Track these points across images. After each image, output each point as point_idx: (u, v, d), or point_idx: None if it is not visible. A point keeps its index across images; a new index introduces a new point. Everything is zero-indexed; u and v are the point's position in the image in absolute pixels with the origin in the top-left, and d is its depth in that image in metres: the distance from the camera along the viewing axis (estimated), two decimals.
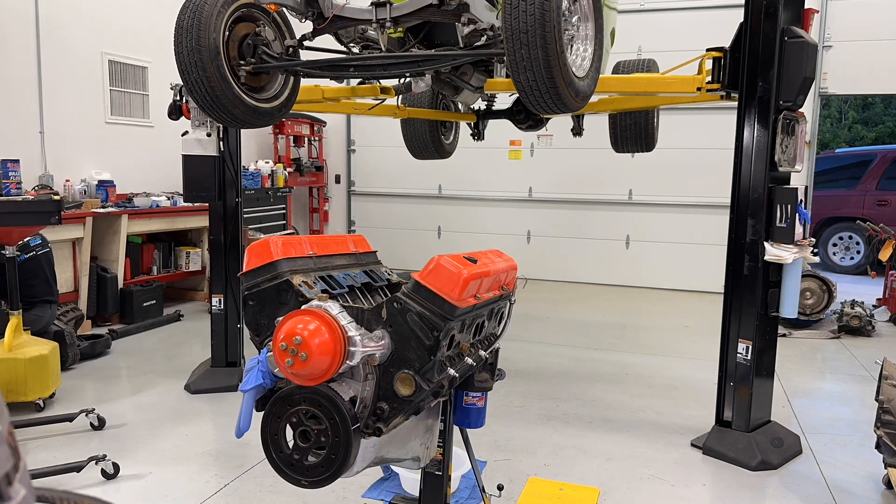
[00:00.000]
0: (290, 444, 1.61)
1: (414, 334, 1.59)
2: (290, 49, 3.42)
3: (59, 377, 4.38)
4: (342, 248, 2.02)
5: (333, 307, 1.58)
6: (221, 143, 4.60)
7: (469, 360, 1.74)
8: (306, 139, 9.78)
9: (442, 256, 1.66)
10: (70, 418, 3.83)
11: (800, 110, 3.58)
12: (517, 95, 3.79)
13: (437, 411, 2.00)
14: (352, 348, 1.53)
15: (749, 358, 3.61)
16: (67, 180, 6.40)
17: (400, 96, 4.87)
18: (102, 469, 3.28)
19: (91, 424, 3.89)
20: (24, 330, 4.25)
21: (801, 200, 3.52)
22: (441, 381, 1.63)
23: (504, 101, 5.55)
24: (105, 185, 6.59)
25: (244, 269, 1.73)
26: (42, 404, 4.16)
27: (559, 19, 2.55)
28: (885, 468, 3.16)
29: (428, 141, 5.96)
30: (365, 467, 1.70)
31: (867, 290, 8.07)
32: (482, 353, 1.85)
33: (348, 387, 1.59)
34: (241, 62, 3.26)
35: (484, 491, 2.37)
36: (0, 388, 3.89)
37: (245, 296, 1.71)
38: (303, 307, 1.60)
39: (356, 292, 1.96)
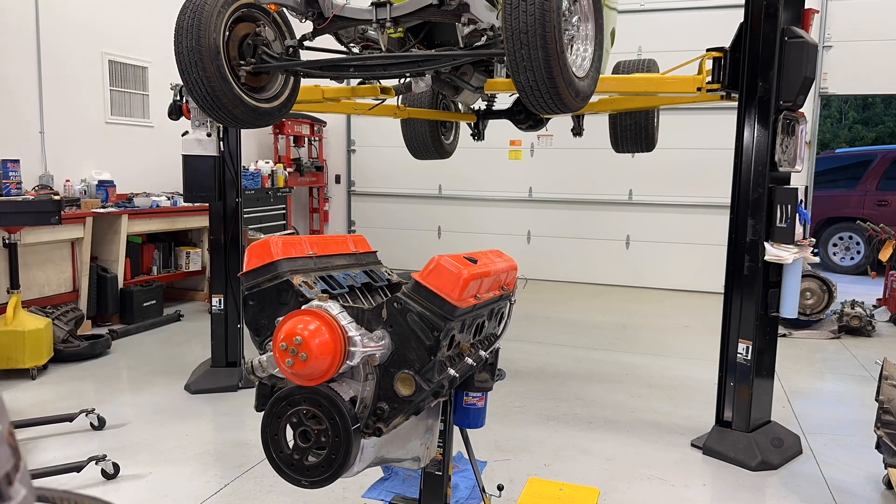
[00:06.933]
0: (291, 444, 1.61)
1: (414, 334, 1.59)
2: (290, 49, 3.42)
3: (52, 349, 4.97)
4: (342, 248, 2.02)
5: (333, 307, 1.58)
6: (221, 143, 4.60)
7: (469, 361, 1.74)
8: (306, 139, 9.78)
9: (442, 256, 1.66)
10: (70, 418, 3.83)
11: (800, 110, 3.58)
12: (517, 95, 3.79)
13: (436, 411, 2.00)
14: (352, 348, 1.53)
15: (749, 358, 3.61)
16: (67, 180, 6.40)
17: (400, 96, 4.87)
18: (102, 469, 3.28)
19: (91, 424, 3.89)
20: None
21: (802, 200, 3.52)
22: (441, 382, 1.63)
23: (504, 101, 5.55)
24: (105, 185, 6.59)
25: (244, 270, 1.73)
26: (35, 374, 4.75)
27: (559, 19, 2.55)
28: (885, 468, 3.15)
29: (428, 141, 5.96)
30: (365, 467, 1.70)
31: (867, 291, 8.07)
32: (482, 353, 1.85)
33: (348, 387, 1.59)
34: (241, 62, 3.26)
35: (484, 491, 2.37)
36: (2, 356, 4.62)
37: (245, 296, 1.71)
38: (303, 307, 1.60)
39: (356, 292, 1.96)
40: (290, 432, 1.62)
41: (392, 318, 1.61)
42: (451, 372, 1.64)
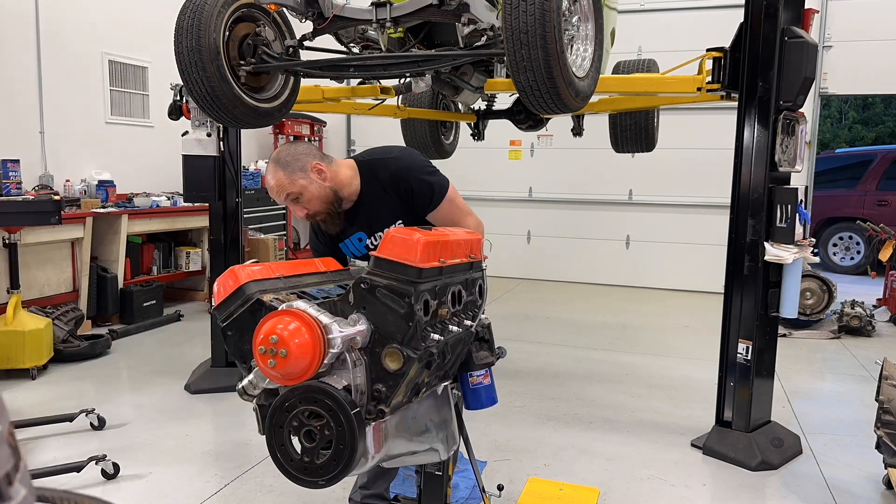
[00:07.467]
0: (299, 449, 1.60)
1: (388, 307, 1.61)
2: (290, 49, 3.42)
3: (52, 349, 4.97)
4: (311, 268, 2.03)
5: (301, 304, 1.59)
6: (221, 143, 4.60)
7: (453, 328, 1.75)
8: (306, 139, 9.78)
9: (393, 229, 1.70)
10: (70, 418, 3.83)
11: (800, 110, 3.58)
12: (517, 95, 3.79)
13: (447, 402, 1.99)
14: (329, 336, 1.53)
15: (749, 358, 3.61)
16: (67, 180, 6.40)
17: (400, 96, 4.87)
18: (102, 469, 3.28)
19: (91, 424, 3.89)
20: None
21: (802, 200, 3.52)
22: (429, 350, 1.63)
23: (504, 101, 5.54)
24: (105, 185, 6.59)
25: (215, 304, 1.73)
26: (35, 374, 4.74)
27: (559, 19, 2.55)
28: (885, 468, 3.15)
29: (428, 141, 5.96)
30: (381, 459, 1.67)
31: (867, 291, 8.07)
32: (467, 322, 1.85)
33: (340, 378, 1.59)
34: (241, 62, 3.26)
35: (484, 491, 2.37)
36: (1, 356, 4.60)
37: (223, 329, 1.71)
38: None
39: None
40: (295, 439, 1.62)
41: (362, 299, 1.64)
42: (435, 336, 1.65)
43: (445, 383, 1.96)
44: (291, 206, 2.32)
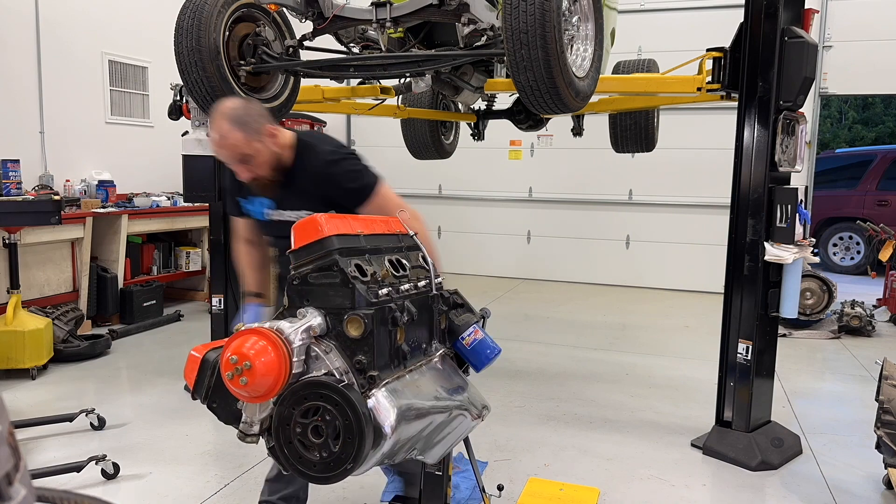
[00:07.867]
0: (316, 453, 1.60)
1: (325, 285, 1.64)
2: (290, 49, 3.42)
3: (52, 349, 4.97)
4: None
5: (242, 328, 1.60)
6: None
7: (402, 286, 1.77)
8: None
9: (297, 222, 1.74)
10: (70, 418, 3.83)
11: (800, 110, 3.58)
12: (517, 95, 3.79)
13: (455, 371, 1.99)
14: (284, 334, 1.54)
15: (749, 358, 3.61)
16: (67, 180, 6.40)
17: (400, 96, 4.87)
18: (102, 469, 3.28)
19: (91, 424, 3.89)
20: None
21: (802, 200, 3.52)
22: (386, 306, 1.64)
23: (504, 101, 5.55)
24: (105, 185, 6.59)
25: (191, 390, 1.76)
26: (35, 374, 4.75)
27: (559, 19, 2.55)
28: (885, 468, 3.15)
29: (428, 141, 5.97)
30: (402, 438, 1.63)
31: (867, 291, 8.07)
32: (421, 283, 1.87)
33: (319, 369, 1.60)
34: (241, 62, 3.26)
35: (484, 491, 2.37)
36: (2, 356, 4.60)
37: (208, 404, 1.74)
38: None
39: None
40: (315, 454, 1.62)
41: (300, 293, 1.66)
42: (383, 291, 1.66)
43: (441, 351, 1.95)
44: (236, 166, 2.22)
